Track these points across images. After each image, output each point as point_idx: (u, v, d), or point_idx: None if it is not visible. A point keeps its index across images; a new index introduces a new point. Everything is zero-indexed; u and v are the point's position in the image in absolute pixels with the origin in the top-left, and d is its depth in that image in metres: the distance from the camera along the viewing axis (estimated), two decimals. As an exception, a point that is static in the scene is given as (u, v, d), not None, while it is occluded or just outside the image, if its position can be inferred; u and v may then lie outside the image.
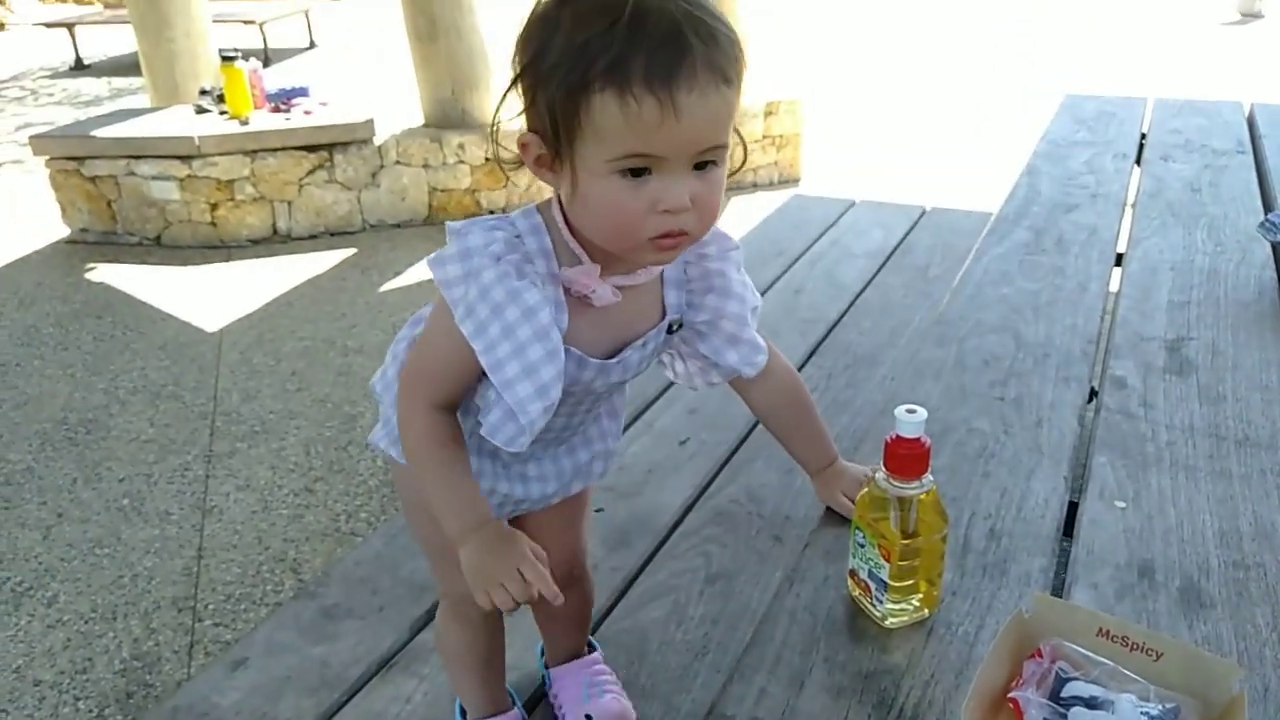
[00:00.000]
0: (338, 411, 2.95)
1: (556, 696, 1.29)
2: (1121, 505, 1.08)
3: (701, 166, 0.79)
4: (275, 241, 4.45)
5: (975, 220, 2.80)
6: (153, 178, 4.29)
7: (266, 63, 7.71)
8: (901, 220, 3.04)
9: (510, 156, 0.85)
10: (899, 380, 1.40)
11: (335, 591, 1.52)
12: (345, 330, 3.53)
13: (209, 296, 3.87)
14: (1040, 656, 0.81)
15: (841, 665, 0.88)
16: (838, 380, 2.06)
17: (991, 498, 1.10)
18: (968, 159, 5.29)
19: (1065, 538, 1.05)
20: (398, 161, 4.50)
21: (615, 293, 0.88)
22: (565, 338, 0.87)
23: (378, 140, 4.45)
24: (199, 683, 1.38)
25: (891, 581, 0.89)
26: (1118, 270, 1.79)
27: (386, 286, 3.94)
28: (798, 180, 5.11)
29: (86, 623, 2.10)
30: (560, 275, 0.87)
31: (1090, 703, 0.76)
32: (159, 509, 2.50)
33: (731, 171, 0.84)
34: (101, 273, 4.15)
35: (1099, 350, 1.48)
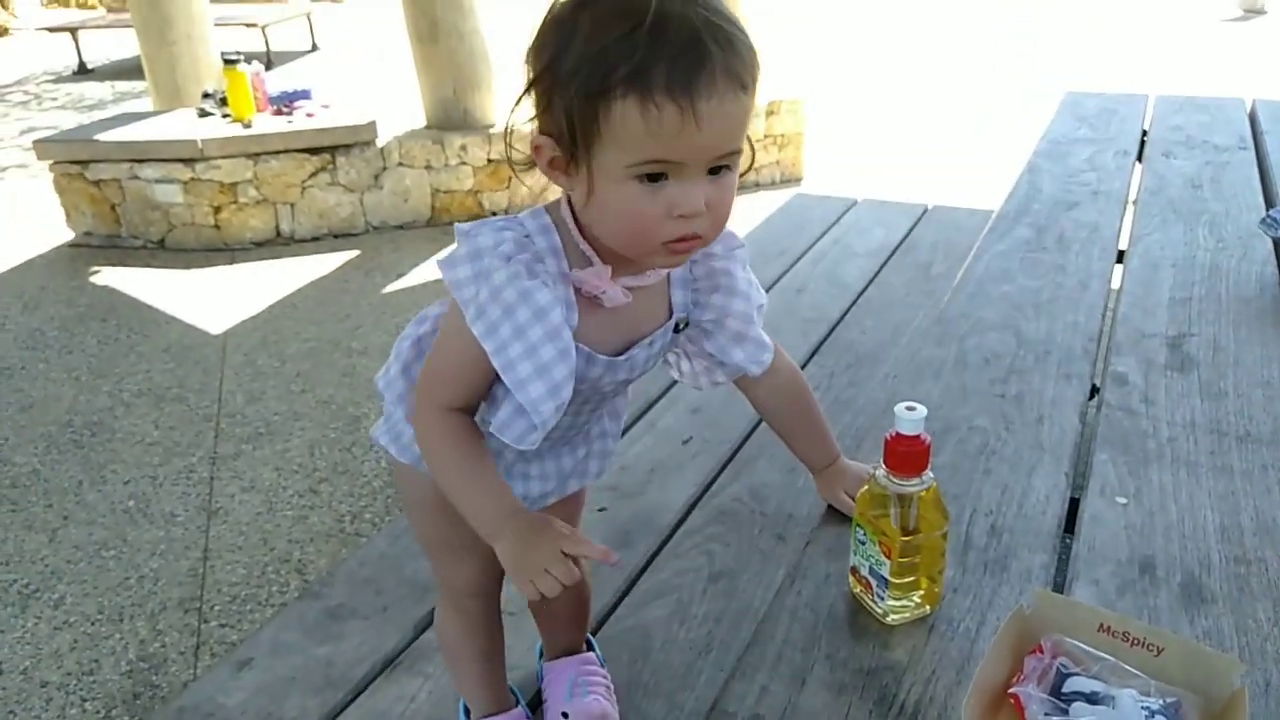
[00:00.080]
0: (342, 413, 2.96)
1: (545, 690, 1.31)
2: (1123, 501, 1.09)
3: (716, 171, 0.80)
4: (279, 244, 4.46)
5: (977, 218, 2.80)
6: (156, 181, 4.31)
7: (268, 65, 7.72)
8: (903, 219, 3.04)
9: (521, 158, 0.85)
10: (901, 378, 1.40)
11: (340, 592, 1.53)
12: (349, 332, 3.54)
13: (213, 299, 3.88)
14: (1041, 652, 0.82)
15: (843, 662, 0.88)
16: (840, 379, 2.06)
17: (993, 494, 1.11)
18: (969, 158, 5.29)
19: (1066, 534, 1.05)
20: (400, 163, 4.51)
21: (626, 294, 0.89)
22: (575, 336, 0.87)
23: (380, 142, 4.46)
24: (205, 683, 1.39)
25: (892, 578, 0.89)
26: (1119, 267, 1.79)
27: (390, 288, 3.95)
28: (799, 179, 5.12)
29: (93, 624, 2.11)
30: (571, 276, 0.88)
31: (1091, 698, 0.76)
32: (164, 511, 2.51)
33: (739, 174, 0.84)
34: (106, 276, 4.16)
35: (1100, 347, 1.48)
